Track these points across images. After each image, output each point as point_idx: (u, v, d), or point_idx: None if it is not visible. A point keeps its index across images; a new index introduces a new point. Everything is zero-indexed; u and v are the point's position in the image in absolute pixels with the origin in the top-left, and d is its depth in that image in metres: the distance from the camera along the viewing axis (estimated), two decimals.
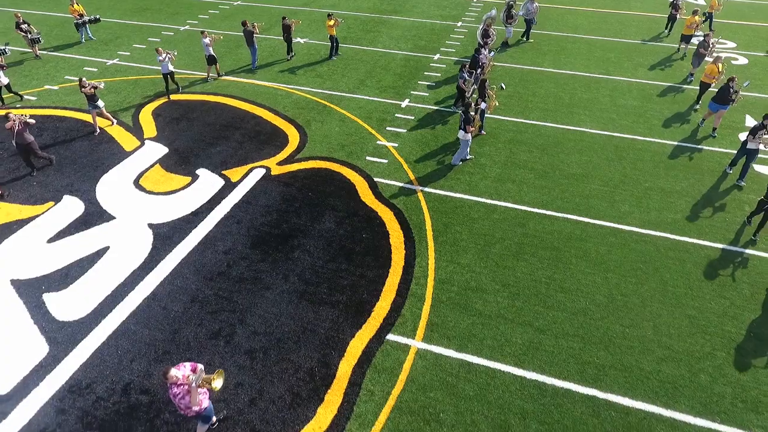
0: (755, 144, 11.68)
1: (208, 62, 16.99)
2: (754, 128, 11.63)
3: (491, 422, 7.26)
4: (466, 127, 12.12)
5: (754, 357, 8.17)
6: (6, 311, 9.00)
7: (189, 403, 6.12)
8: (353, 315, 8.89)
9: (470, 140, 12.50)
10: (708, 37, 16.46)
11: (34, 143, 12.32)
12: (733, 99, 13.34)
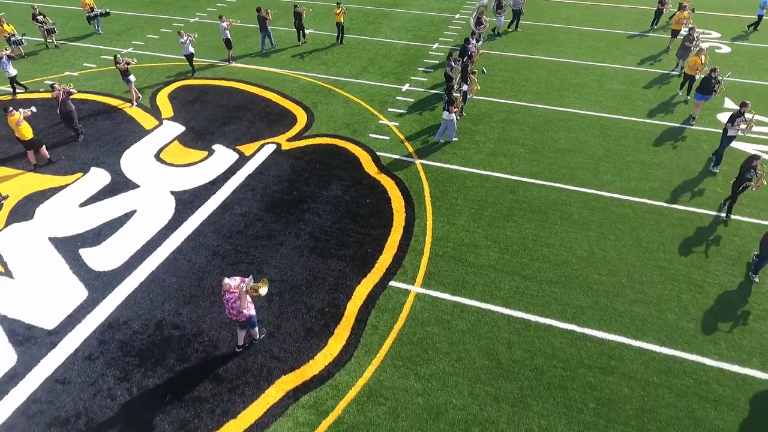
0: (734, 131, 12.17)
1: (226, 45, 18.33)
2: (732, 116, 12.14)
3: (481, 350, 8.28)
4: (450, 108, 13.05)
5: (716, 299, 9.19)
6: (47, 263, 10.02)
7: (240, 307, 7.34)
8: (359, 266, 9.91)
9: (455, 120, 13.39)
10: (693, 30, 17.30)
11: (74, 112, 13.74)
12: (715, 89, 13.98)
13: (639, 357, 8.18)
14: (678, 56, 17.64)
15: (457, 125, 13.89)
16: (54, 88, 13.46)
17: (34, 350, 8.34)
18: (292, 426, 7.25)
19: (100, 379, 7.89)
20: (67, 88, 13.51)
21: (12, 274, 9.78)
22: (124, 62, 15.22)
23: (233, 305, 7.43)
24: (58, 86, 13.42)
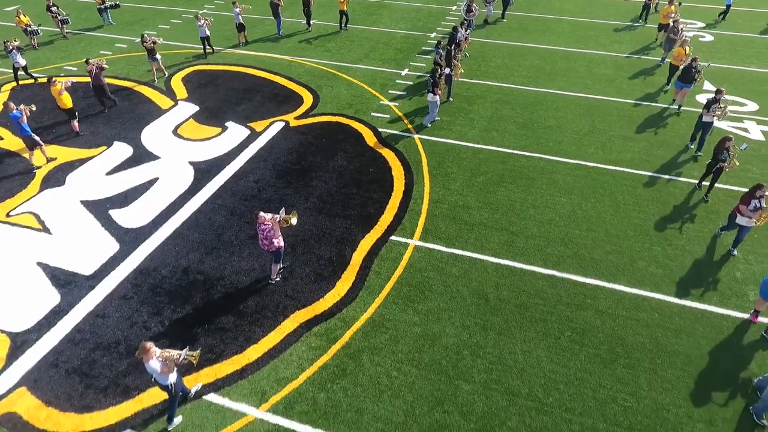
0: (710, 117, 12.71)
1: (239, 30, 19.84)
2: (708, 102, 12.56)
3: (472, 291, 9.34)
4: (435, 90, 14.03)
5: (683, 251, 10.24)
6: (80, 221, 11.07)
7: (273, 236, 8.60)
8: (363, 224, 10.97)
9: (438, 102, 14.30)
10: (677, 23, 18.24)
11: (106, 86, 15.03)
12: (695, 78, 14.61)
13: (611, 296, 9.24)
14: (664, 48, 18.41)
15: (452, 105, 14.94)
16: (88, 63, 14.71)
17: (75, 292, 9.40)
18: (306, 350, 8.31)
19: (135, 314, 8.95)
20: (100, 63, 14.81)
21: (50, 231, 10.84)
22: (151, 41, 16.61)
23: (267, 235, 8.64)
24: (93, 61, 14.71)
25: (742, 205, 9.54)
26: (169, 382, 6.77)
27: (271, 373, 7.95)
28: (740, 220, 9.67)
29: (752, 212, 9.43)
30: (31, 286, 9.49)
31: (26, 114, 12.40)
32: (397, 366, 8.04)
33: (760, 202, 9.36)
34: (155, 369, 6.56)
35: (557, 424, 7.25)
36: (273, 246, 8.81)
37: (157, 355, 6.56)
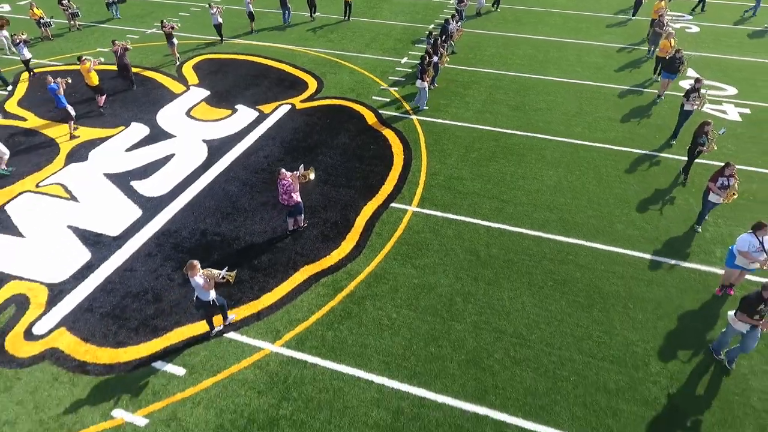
0: (690, 106, 13.00)
1: (250, 18, 21.19)
2: (687, 92, 13.00)
3: (464, 249, 10.28)
4: (423, 76, 14.93)
5: (658, 216, 11.18)
6: (105, 191, 12.01)
7: (292, 190, 9.66)
8: (365, 193, 11.91)
9: (426, 87, 15.15)
10: (662, 17, 19.03)
11: (129, 65, 16.26)
12: (679, 69, 15.27)
13: (590, 253, 10.18)
14: (650, 42, 19.02)
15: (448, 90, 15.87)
16: (114, 43, 16.03)
17: (103, 250, 10.34)
18: (315, 297, 9.25)
19: (160, 268, 9.89)
20: (125, 44, 16.05)
21: (77, 199, 11.78)
22: (169, 26, 17.81)
23: (287, 190, 9.71)
24: (118, 42, 16.00)
25: (711, 183, 10.13)
26: (210, 298, 7.80)
27: (284, 316, 8.89)
28: (712, 197, 10.20)
29: (720, 190, 10.01)
30: (64, 246, 10.43)
31: (62, 87, 13.55)
32: (396, 310, 8.99)
33: (728, 180, 9.98)
34: (198, 284, 7.57)
35: (538, 356, 8.20)
36: (292, 200, 9.86)
37: (201, 273, 7.56)
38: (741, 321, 7.61)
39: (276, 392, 7.67)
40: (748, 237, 8.61)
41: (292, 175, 9.76)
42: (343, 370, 7.99)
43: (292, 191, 9.78)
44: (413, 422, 7.28)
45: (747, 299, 7.51)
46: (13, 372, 8.02)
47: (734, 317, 7.72)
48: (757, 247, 8.53)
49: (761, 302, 7.36)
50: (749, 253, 8.57)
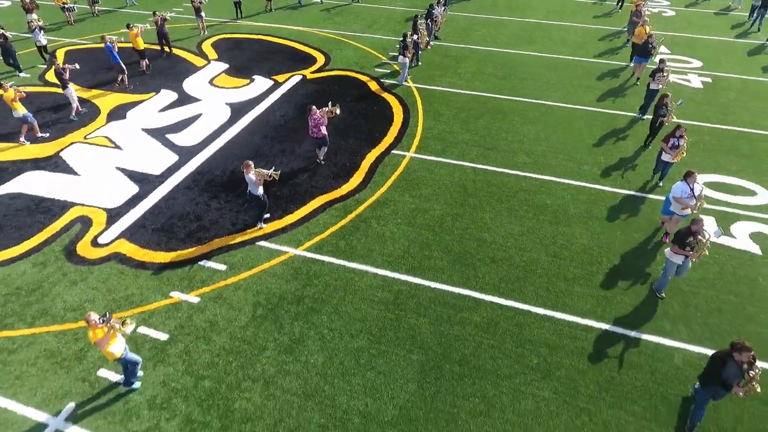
0: (656, 85, 14.05)
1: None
2: (653, 72, 14.00)
3: (454, 183, 12.18)
4: (404, 52, 16.74)
5: (621, 160, 13.08)
6: (145, 142, 13.89)
7: (321, 124, 11.74)
8: (370, 143, 13.81)
9: (407, 63, 16.82)
10: (640, 6, 20.74)
11: (168, 34, 18.73)
12: (651, 53, 16.73)
13: (560, 187, 12.08)
14: (628, 31, 20.33)
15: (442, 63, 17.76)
16: (155, 14, 18.26)
17: (149, 184, 12.23)
18: (329, 217, 11.14)
19: (198, 197, 11.78)
20: (164, 15, 18.16)
21: (121, 147, 13.66)
22: (198, 1, 19.97)
23: (317, 123, 11.84)
24: (158, 13, 18.14)
25: (663, 143, 11.52)
26: (259, 193, 9.97)
27: (304, 230, 10.79)
28: (664, 156, 11.62)
29: (671, 150, 11.22)
30: (115, 181, 12.31)
31: (116, 46, 16.27)
32: (396, 226, 10.88)
33: (678, 141, 11.13)
34: (251, 180, 9.63)
35: (512, 256, 10.09)
36: (320, 133, 11.99)
37: (254, 171, 9.68)
38: (675, 252, 8.61)
39: (300, 281, 9.56)
40: (681, 184, 9.63)
41: (321, 111, 11.83)
42: (353, 266, 9.88)
43: (321, 125, 11.85)
44: (410, 300, 9.17)
45: (679, 233, 8.54)
46: (87, 268, 9.91)
47: (670, 251, 8.71)
48: (689, 193, 9.57)
49: (690, 235, 8.41)
50: (682, 198, 9.59)
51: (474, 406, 7.45)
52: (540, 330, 8.60)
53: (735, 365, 6.55)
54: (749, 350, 6.44)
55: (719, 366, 6.66)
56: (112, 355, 7.04)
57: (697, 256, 8.51)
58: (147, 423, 7.25)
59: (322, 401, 7.52)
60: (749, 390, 6.56)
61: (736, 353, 6.52)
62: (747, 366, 6.54)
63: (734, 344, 6.54)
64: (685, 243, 8.45)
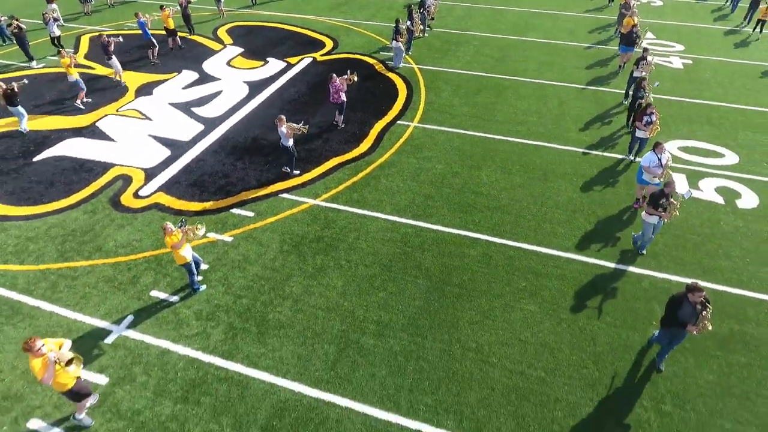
0: (639, 72, 14.46)
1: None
2: (637, 60, 14.62)
3: (454, 148, 13.56)
4: (397, 37, 18.07)
5: (602, 129, 14.48)
6: (172, 114, 15.26)
7: (341, 90, 13.28)
8: (377, 114, 15.18)
9: (401, 47, 18.12)
10: (629, 1, 21.98)
11: (190, 16, 20.35)
12: (636, 42, 17.73)
13: (550, 151, 13.45)
14: (617, 23, 21.22)
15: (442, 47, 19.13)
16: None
17: (179, 149, 13.60)
18: (342, 175, 12.51)
19: (225, 159, 13.15)
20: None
21: (151, 119, 15.03)
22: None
23: (337, 89, 13.32)
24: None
25: (638, 121, 12.04)
26: (289, 145, 11.50)
27: (320, 185, 12.16)
28: (639, 133, 12.19)
29: (645, 126, 11.98)
30: (148, 146, 13.68)
31: (149, 22, 18.08)
32: (402, 181, 12.26)
33: (651, 117, 11.85)
34: (283, 132, 11.06)
35: (504, 206, 11.46)
36: (340, 99, 13.48)
37: (285, 124, 11.23)
38: (649, 213, 9.41)
39: (319, 224, 10.94)
40: (650, 155, 10.40)
41: (340, 79, 13.33)
42: (365, 213, 11.26)
43: (340, 91, 13.36)
44: (415, 238, 10.55)
45: (653, 195, 9.28)
46: (131, 215, 11.28)
47: (645, 213, 9.50)
48: (656, 162, 10.30)
49: (663, 197, 9.18)
50: (650, 167, 10.33)
51: (471, 317, 8.83)
52: (528, 261, 9.99)
53: (689, 306, 7.20)
54: (701, 291, 7.07)
55: (676, 307, 7.30)
56: (183, 259, 8.46)
57: (669, 216, 9.37)
58: (196, 329, 8.62)
59: (343, 314, 8.89)
60: (702, 328, 7.14)
61: (690, 294, 7.14)
62: (700, 306, 7.16)
63: (688, 286, 7.18)
64: (658, 204, 9.26)
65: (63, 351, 6.54)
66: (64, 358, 6.38)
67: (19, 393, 7.65)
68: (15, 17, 18.96)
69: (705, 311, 7.13)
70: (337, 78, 13.56)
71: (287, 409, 7.41)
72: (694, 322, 7.20)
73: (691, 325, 7.21)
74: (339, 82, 13.51)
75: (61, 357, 6.36)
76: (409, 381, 7.79)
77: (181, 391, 7.65)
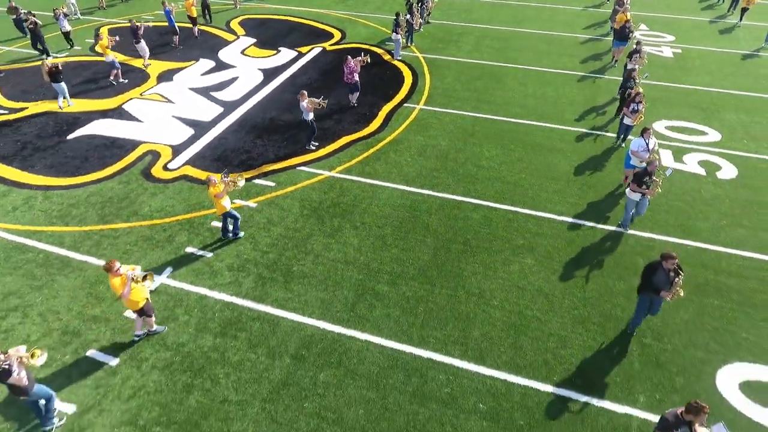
0: (632, 65, 14.99)
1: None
2: (631, 53, 15.37)
3: (457, 128, 14.60)
4: (396, 29, 19.09)
5: (594, 112, 15.52)
6: (193, 98, 16.29)
7: (355, 71, 14.36)
8: (385, 97, 16.23)
9: (400, 39, 19.17)
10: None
11: (209, 6, 21.62)
12: (628, 36, 18.64)
13: (545, 130, 14.49)
14: (611, 19, 21.98)
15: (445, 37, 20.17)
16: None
17: (202, 129, 14.63)
18: (354, 151, 13.54)
19: (245, 137, 14.19)
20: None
21: (173, 102, 16.07)
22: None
23: (351, 71, 14.41)
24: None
25: (625, 108, 12.80)
26: (310, 119, 12.48)
27: (334, 160, 13.19)
28: (626, 120, 12.89)
29: (632, 114, 12.69)
30: (173, 126, 14.71)
31: (173, 11, 19.17)
32: (410, 156, 13.30)
33: (638, 105, 12.59)
34: (304, 106, 12.05)
35: (504, 177, 12.49)
36: (353, 79, 14.59)
37: (307, 99, 12.25)
38: (633, 191, 10.07)
39: (335, 192, 11.98)
40: (638, 140, 11.01)
41: (354, 60, 14.41)
42: (376, 183, 12.30)
43: (354, 72, 14.49)
44: (423, 204, 11.58)
45: (637, 173, 10.02)
46: (162, 185, 12.31)
47: (629, 190, 10.15)
48: (644, 147, 10.95)
49: (646, 175, 9.88)
50: (638, 152, 10.97)
51: (474, 269, 9.87)
52: (525, 223, 11.03)
53: (663, 273, 7.66)
54: (674, 258, 7.58)
55: (651, 273, 7.74)
56: (223, 208, 9.59)
57: (652, 193, 10.04)
58: (229, 279, 9.65)
59: (359, 266, 9.93)
60: (675, 294, 7.59)
61: (664, 261, 7.60)
62: (673, 273, 7.64)
63: (663, 254, 7.68)
64: (642, 182, 9.90)
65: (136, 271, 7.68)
66: (138, 275, 7.54)
67: (77, 329, 8.68)
68: (32, 13, 19.87)
69: (678, 278, 7.60)
70: (352, 60, 14.64)
71: (314, 342, 8.44)
72: (668, 289, 7.67)
73: (664, 291, 7.67)
74: (353, 63, 14.62)
75: (136, 275, 7.46)
76: (420, 320, 8.83)
77: (219, 328, 8.68)
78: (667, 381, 7.85)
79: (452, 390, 7.71)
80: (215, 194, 9.46)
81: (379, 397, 7.63)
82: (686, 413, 5.78)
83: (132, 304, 7.65)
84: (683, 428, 5.81)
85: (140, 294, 7.68)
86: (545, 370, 8.01)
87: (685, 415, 5.80)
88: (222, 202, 9.59)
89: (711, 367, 8.06)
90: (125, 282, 7.38)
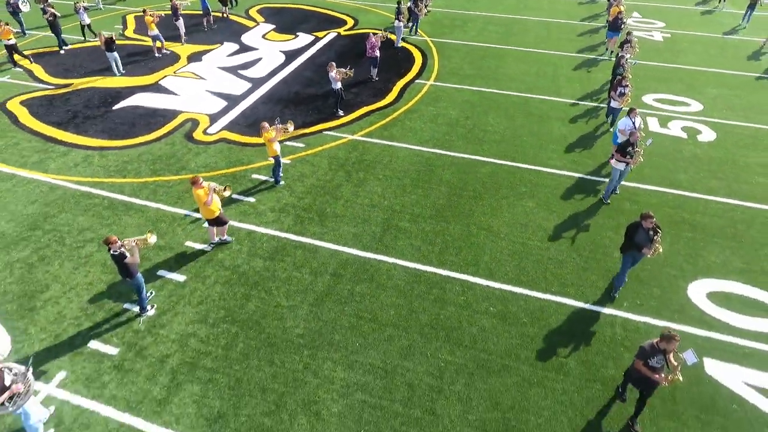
0: (624, 53, 15.85)
1: None
2: (622, 43, 16.50)
3: (465, 101, 16.14)
4: (398, 17, 20.60)
5: (590, 95, 17.07)
6: (223, 75, 17.82)
7: (376, 46, 15.97)
8: (398, 74, 17.78)
9: (401, 27, 20.60)
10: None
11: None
12: (620, 27, 19.85)
13: (544, 101, 16.05)
14: (607, 11, 23.88)
15: (450, 23, 21.72)
16: None
17: (234, 101, 16.16)
18: (373, 119, 15.08)
19: (274, 107, 15.72)
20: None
21: (205, 78, 17.60)
22: None
23: (372, 45, 16.08)
24: None
25: (613, 92, 13.73)
26: (338, 87, 14.05)
27: (355, 126, 14.73)
28: (613, 103, 13.80)
29: (619, 97, 13.54)
30: (207, 98, 16.24)
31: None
32: (423, 123, 14.84)
33: (624, 89, 13.43)
34: (333, 76, 13.63)
35: (507, 139, 14.04)
36: (374, 53, 16.20)
37: (335, 70, 13.71)
38: (617, 160, 10.92)
39: (358, 152, 13.51)
40: (626, 119, 11.74)
41: (375, 36, 16.03)
42: (394, 144, 13.84)
43: (375, 47, 16.08)
44: (437, 161, 13.12)
45: (621, 144, 10.85)
46: (204, 147, 13.84)
47: (614, 160, 10.94)
48: (631, 126, 11.54)
49: (630, 145, 10.76)
50: (624, 130, 11.52)
51: (483, 210, 11.42)
52: (527, 175, 12.58)
53: (643, 231, 8.32)
54: (652, 217, 8.23)
55: (632, 233, 8.37)
56: (275, 152, 11.24)
57: (635, 162, 10.88)
58: (272, 218, 11.19)
59: (384, 208, 11.47)
60: (655, 251, 8.29)
61: (643, 221, 8.23)
62: (652, 232, 8.34)
63: (642, 214, 8.34)
64: (625, 152, 10.79)
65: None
66: (220, 187, 9.36)
67: (146, 255, 10.20)
68: (50, 5, 21.12)
69: (656, 236, 8.30)
70: (373, 36, 16.21)
71: (349, 264, 9.99)
72: (649, 246, 8.35)
73: (646, 248, 8.35)
74: (374, 39, 16.22)
75: (217, 187, 9.26)
76: (438, 248, 10.37)
77: (267, 254, 10.22)
78: (647, 291, 9.41)
79: (467, 298, 9.26)
80: (269, 138, 11.04)
81: (406, 302, 9.17)
82: (660, 341, 6.51)
83: (209, 212, 9.24)
84: (659, 356, 6.55)
85: (216, 205, 9.28)
86: (544, 283, 9.56)
87: (659, 344, 6.50)
88: (273, 146, 11.16)
89: (684, 282, 9.61)
90: (208, 192, 8.97)
